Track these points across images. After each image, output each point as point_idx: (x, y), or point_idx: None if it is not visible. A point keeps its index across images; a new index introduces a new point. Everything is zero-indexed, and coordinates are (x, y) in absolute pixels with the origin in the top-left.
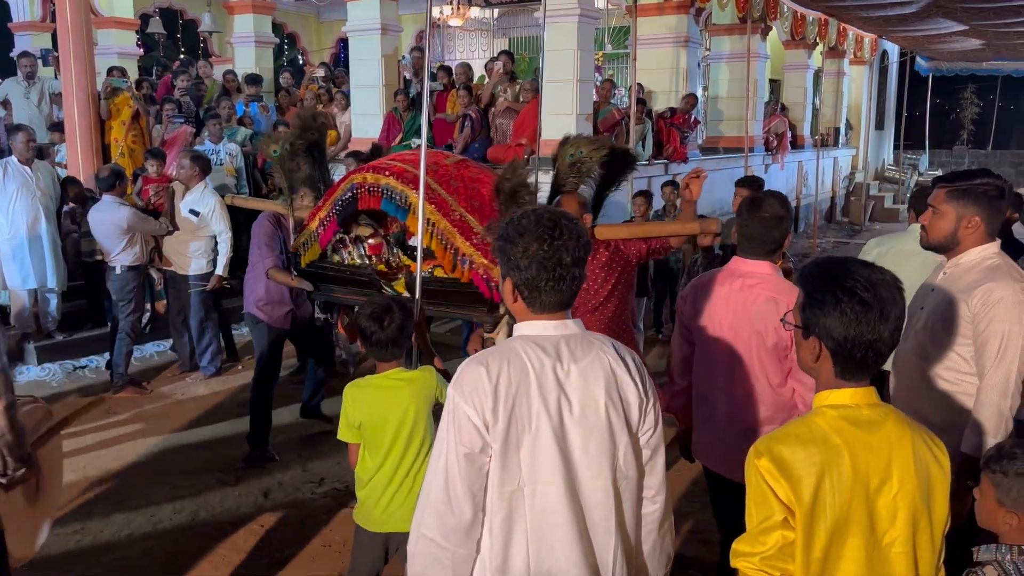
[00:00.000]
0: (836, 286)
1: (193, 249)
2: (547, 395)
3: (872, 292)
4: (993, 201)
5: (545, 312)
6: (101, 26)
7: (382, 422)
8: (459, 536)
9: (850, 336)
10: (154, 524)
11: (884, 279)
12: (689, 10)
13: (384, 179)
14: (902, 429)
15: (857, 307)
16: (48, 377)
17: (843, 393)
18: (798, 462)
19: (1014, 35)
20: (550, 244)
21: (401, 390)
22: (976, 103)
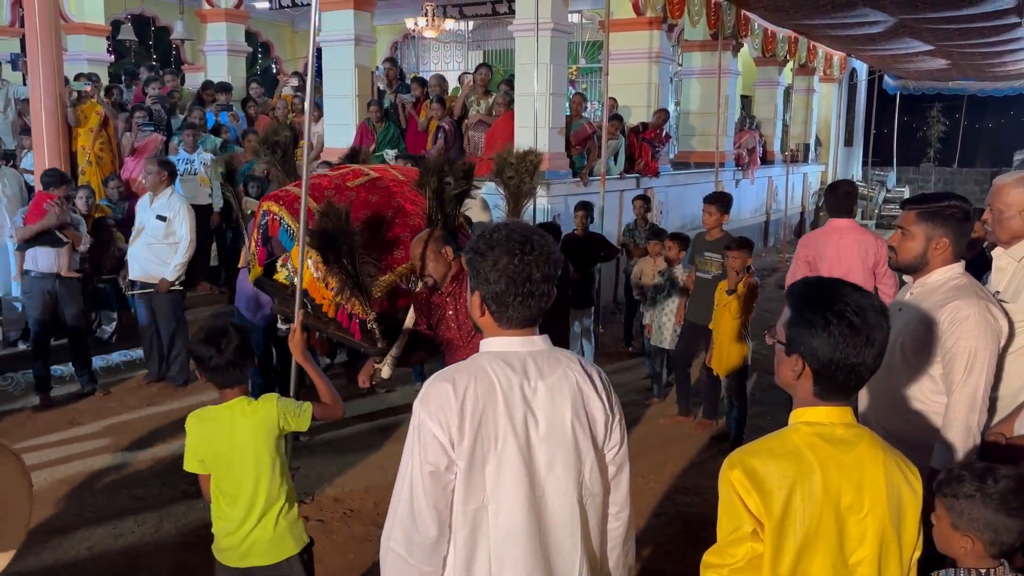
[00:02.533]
0: (827, 308)
1: (165, 255)
2: (514, 413)
3: (861, 317)
4: (960, 224)
5: (512, 328)
6: (71, 32)
7: (227, 456)
8: (424, 553)
9: (836, 359)
10: (116, 537)
11: (872, 304)
12: (661, 26)
13: (276, 208)
14: (876, 451)
15: (846, 331)
16: (11, 387)
17: (819, 411)
18: (770, 475)
19: (978, 56)
20: (520, 259)
21: (240, 423)
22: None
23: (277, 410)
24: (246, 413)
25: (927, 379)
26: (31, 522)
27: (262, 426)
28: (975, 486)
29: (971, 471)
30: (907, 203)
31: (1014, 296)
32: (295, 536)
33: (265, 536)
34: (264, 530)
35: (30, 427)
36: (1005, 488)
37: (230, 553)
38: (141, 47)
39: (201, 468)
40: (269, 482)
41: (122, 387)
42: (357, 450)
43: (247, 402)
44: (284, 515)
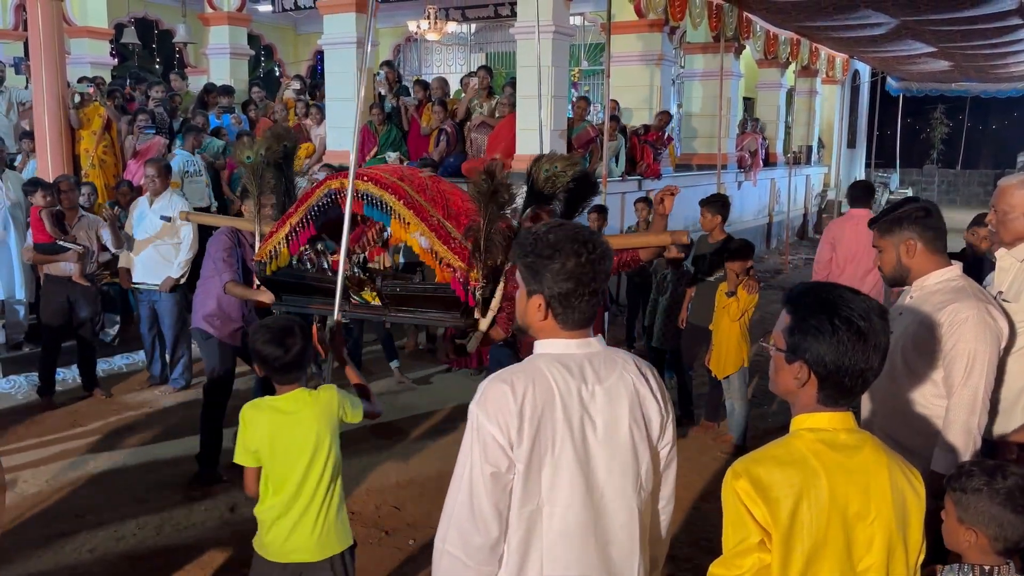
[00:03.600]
0: (833, 314)
1: (170, 256)
2: (571, 417)
3: (867, 322)
4: (921, 220)
5: (571, 329)
6: (74, 35)
7: (285, 446)
8: (484, 554)
9: (844, 365)
10: (117, 540)
11: (874, 306)
12: (663, 28)
13: (363, 185)
14: (879, 455)
15: (854, 336)
16: (13, 389)
17: (822, 417)
18: (775, 484)
19: (981, 57)
20: (586, 258)
21: (304, 412)
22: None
23: (338, 399)
24: (309, 402)
25: (928, 383)
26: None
27: (325, 413)
28: (984, 480)
29: (981, 467)
30: (871, 223)
31: (1016, 296)
32: (341, 534)
33: (310, 530)
34: (310, 522)
35: (32, 429)
36: (1013, 484)
37: (274, 548)
38: (144, 50)
39: (252, 460)
40: (321, 473)
41: (124, 389)
42: (358, 453)
43: (308, 392)
44: (332, 510)
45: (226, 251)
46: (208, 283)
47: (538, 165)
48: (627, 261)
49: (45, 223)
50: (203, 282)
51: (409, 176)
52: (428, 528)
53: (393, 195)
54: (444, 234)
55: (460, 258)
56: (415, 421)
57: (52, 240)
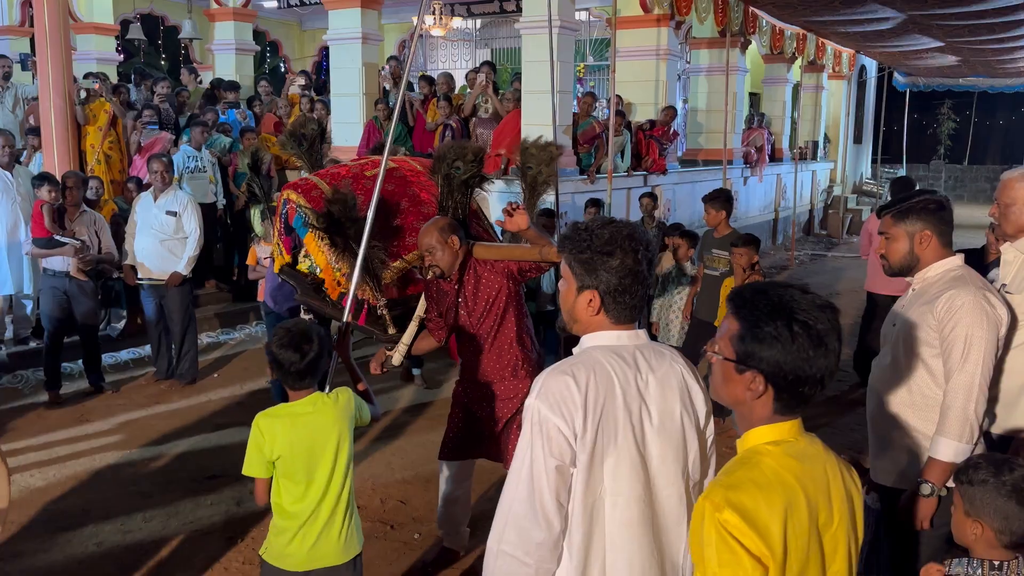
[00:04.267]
0: (791, 319)
1: (178, 251)
2: (631, 406)
3: (824, 324)
4: (936, 213)
5: (623, 322)
6: (80, 31)
7: (306, 451)
8: (545, 551)
9: (804, 372)
10: (124, 533)
11: (825, 303)
12: (669, 23)
13: (295, 196)
14: (829, 457)
15: (813, 342)
16: (20, 384)
17: (781, 428)
18: (762, 510)
19: (989, 52)
20: (642, 255)
21: (324, 415)
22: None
23: (354, 400)
24: (327, 404)
25: (930, 374)
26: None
27: (344, 414)
28: (990, 472)
29: (988, 459)
30: (881, 210)
31: (1019, 288)
32: (359, 533)
33: (338, 533)
34: (337, 526)
35: (40, 424)
36: (1020, 477)
37: (298, 557)
38: (150, 46)
39: (266, 471)
40: (344, 474)
41: (131, 384)
42: (362, 447)
43: (322, 395)
44: (353, 508)
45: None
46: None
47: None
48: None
49: (44, 217)
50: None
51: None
52: (433, 522)
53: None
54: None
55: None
56: (420, 415)
57: (49, 235)
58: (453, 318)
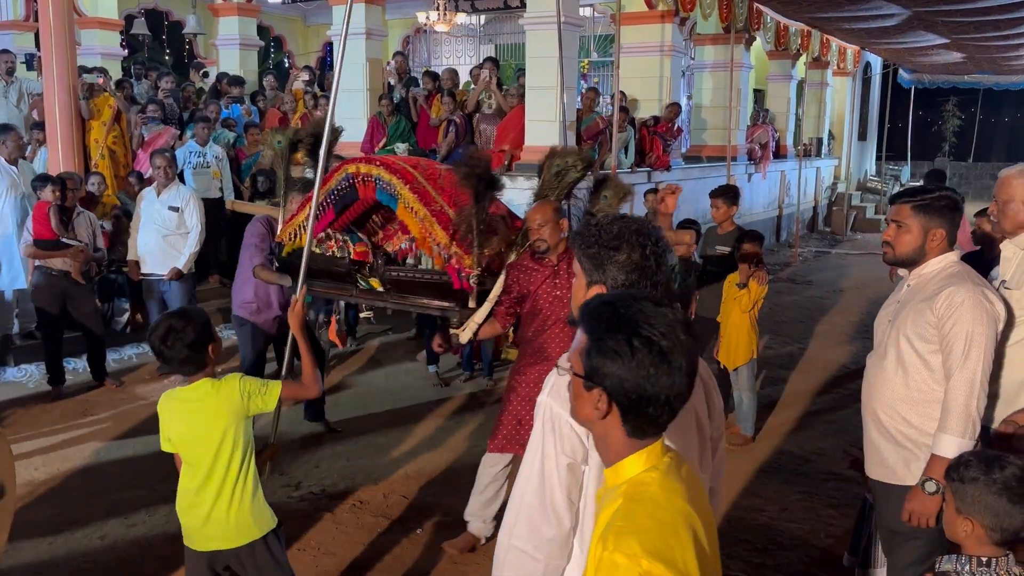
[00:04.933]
0: (632, 334)
1: (180, 246)
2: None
3: (671, 340)
4: (951, 213)
5: None
6: (85, 26)
7: (191, 437)
8: (555, 547)
9: (647, 392)
10: (128, 527)
11: (679, 319)
12: (673, 19)
13: (376, 170)
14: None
15: (656, 359)
16: (24, 378)
17: (651, 452)
18: (676, 549)
19: (994, 49)
20: (650, 251)
21: (206, 402)
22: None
23: (239, 390)
24: (209, 394)
25: (928, 369)
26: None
27: (224, 406)
28: (981, 470)
29: (979, 457)
30: (898, 196)
31: (1019, 284)
32: (258, 519)
33: (224, 516)
34: (222, 509)
35: (44, 418)
36: (1010, 475)
37: (194, 535)
38: (154, 41)
39: (171, 448)
40: (228, 462)
41: (134, 378)
42: (367, 443)
43: (211, 383)
44: (245, 496)
45: (259, 237)
46: (244, 271)
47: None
48: None
49: (52, 220)
50: (240, 270)
51: (424, 165)
52: (436, 517)
53: (401, 180)
54: (445, 220)
55: (458, 245)
56: (424, 412)
57: (55, 237)
58: (536, 300)
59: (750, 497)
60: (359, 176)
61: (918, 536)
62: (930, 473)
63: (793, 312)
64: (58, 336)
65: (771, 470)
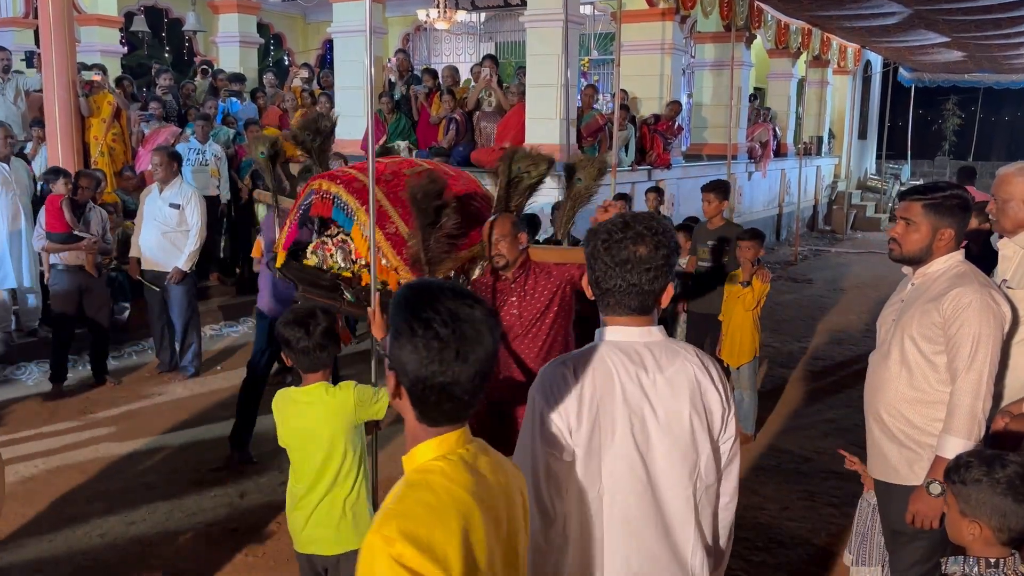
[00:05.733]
0: (413, 315)
1: (180, 244)
2: (632, 403)
3: (451, 327)
4: (963, 214)
5: (629, 315)
6: (84, 23)
7: (301, 439)
8: (539, 539)
9: (422, 375)
10: (128, 525)
11: (473, 315)
12: (674, 17)
13: (335, 187)
14: (499, 458)
15: (432, 342)
16: (24, 376)
17: (445, 440)
18: (437, 535)
19: (995, 48)
20: (644, 246)
21: (315, 408)
22: (958, 114)
23: (353, 398)
24: (323, 400)
25: (932, 370)
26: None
27: (337, 413)
28: (983, 471)
29: (979, 457)
30: (908, 194)
31: (1020, 283)
32: (360, 530)
33: (325, 522)
34: (323, 514)
35: (43, 415)
36: (1013, 473)
37: (297, 537)
38: (154, 39)
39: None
40: (337, 471)
41: (134, 377)
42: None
43: (325, 388)
44: (351, 505)
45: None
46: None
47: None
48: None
49: (65, 212)
50: (263, 265)
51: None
52: None
53: (358, 200)
54: (399, 242)
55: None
56: None
57: (67, 230)
58: (504, 318)
59: (750, 495)
60: (320, 193)
61: (921, 537)
62: (934, 475)
63: (793, 311)
64: (69, 334)
65: (772, 469)
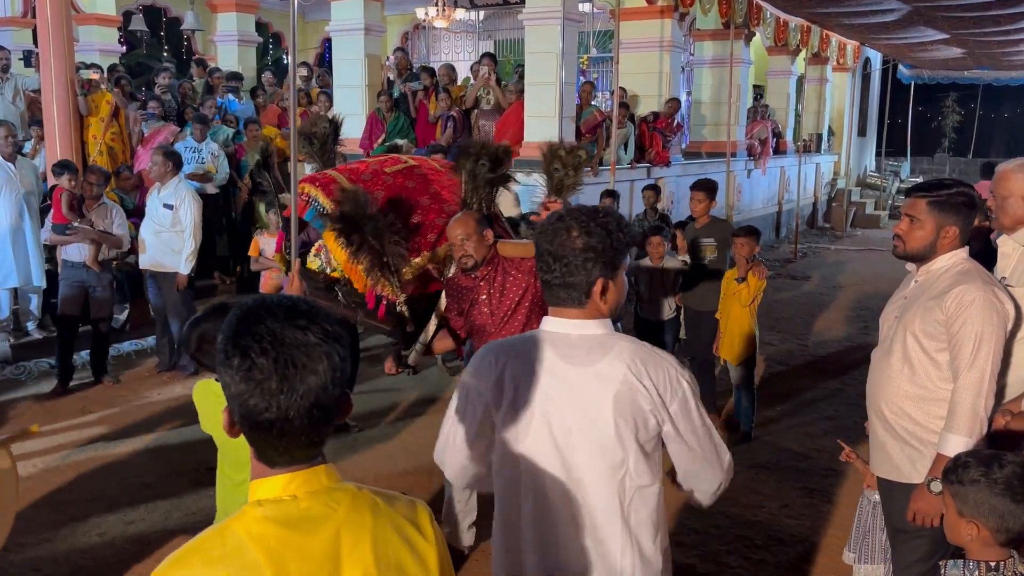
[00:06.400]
0: (231, 342)
1: (174, 244)
2: (551, 395)
3: (273, 355)
4: (969, 211)
5: (564, 307)
6: (83, 22)
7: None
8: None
9: (245, 410)
10: (127, 524)
11: (303, 338)
12: (673, 15)
13: (315, 191)
14: (360, 518)
15: (252, 373)
16: (23, 376)
17: (275, 482)
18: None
19: (994, 44)
20: (559, 239)
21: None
22: (957, 111)
23: None
24: None
25: (935, 367)
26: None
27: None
28: (980, 471)
29: (977, 457)
30: (915, 190)
31: (1020, 281)
32: None
33: None
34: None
35: (42, 415)
36: (1011, 473)
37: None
38: (152, 38)
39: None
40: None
41: (133, 375)
42: (367, 440)
43: None
44: None
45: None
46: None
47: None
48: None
49: (62, 204)
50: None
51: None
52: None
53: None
54: None
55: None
56: (423, 407)
57: (65, 221)
58: (474, 317)
59: (750, 494)
60: (303, 195)
61: (923, 534)
62: (935, 473)
63: (792, 308)
64: (73, 333)
65: (771, 466)
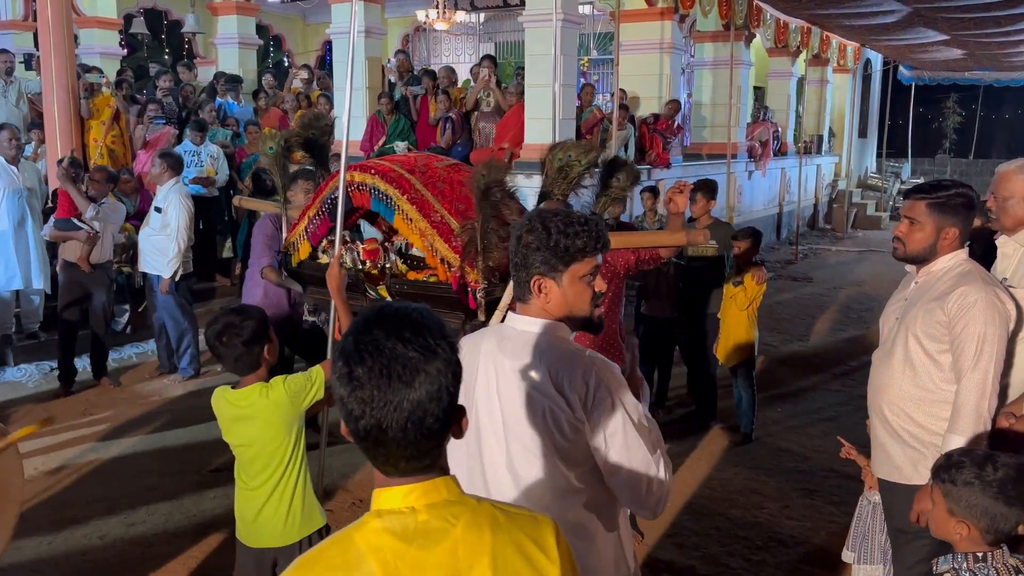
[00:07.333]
0: (341, 347)
1: (162, 247)
2: (490, 386)
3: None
4: (968, 212)
5: (518, 300)
6: (84, 25)
7: (243, 440)
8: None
9: (347, 411)
10: (127, 526)
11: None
12: (673, 16)
13: (371, 178)
14: (478, 535)
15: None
16: (24, 378)
17: (394, 493)
18: None
19: (994, 46)
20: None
21: (254, 409)
22: (958, 112)
23: (285, 395)
24: (259, 403)
25: (937, 368)
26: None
27: (275, 412)
28: (974, 473)
29: (971, 458)
30: (913, 192)
31: (1021, 281)
32: (307, 519)
33: (274, 515)
34: (272, 509)
35: (42, 416)
36: (1004, 476)
37: (245, 531)
38: (153, 41)
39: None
40: (280, 463)
41: (133, 378)
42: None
43: (260, 390)
44: (296, 497)
45: (267, 237)
46: (254, 271)
47: (551, 155)
48: (646, 259)
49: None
50: (250, 270)
51: (422, 167)
52: None
53: (398, 189)
54: (446, 231)
55: (459, 256)
56: None
57: (70, 216)
58: None
59: (750, 494)
60: (353, 184)
61: (925, 535)
62: None
63: (793, 309)
64: (72, 334)
65: (771, 467)
